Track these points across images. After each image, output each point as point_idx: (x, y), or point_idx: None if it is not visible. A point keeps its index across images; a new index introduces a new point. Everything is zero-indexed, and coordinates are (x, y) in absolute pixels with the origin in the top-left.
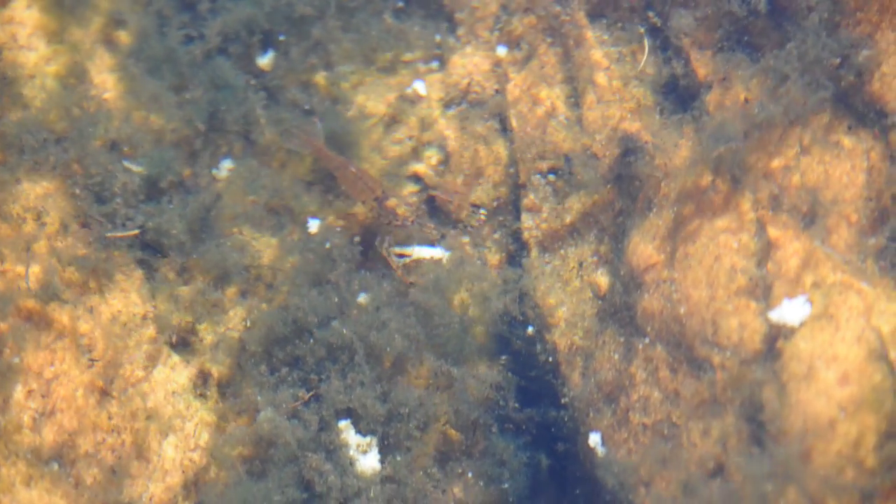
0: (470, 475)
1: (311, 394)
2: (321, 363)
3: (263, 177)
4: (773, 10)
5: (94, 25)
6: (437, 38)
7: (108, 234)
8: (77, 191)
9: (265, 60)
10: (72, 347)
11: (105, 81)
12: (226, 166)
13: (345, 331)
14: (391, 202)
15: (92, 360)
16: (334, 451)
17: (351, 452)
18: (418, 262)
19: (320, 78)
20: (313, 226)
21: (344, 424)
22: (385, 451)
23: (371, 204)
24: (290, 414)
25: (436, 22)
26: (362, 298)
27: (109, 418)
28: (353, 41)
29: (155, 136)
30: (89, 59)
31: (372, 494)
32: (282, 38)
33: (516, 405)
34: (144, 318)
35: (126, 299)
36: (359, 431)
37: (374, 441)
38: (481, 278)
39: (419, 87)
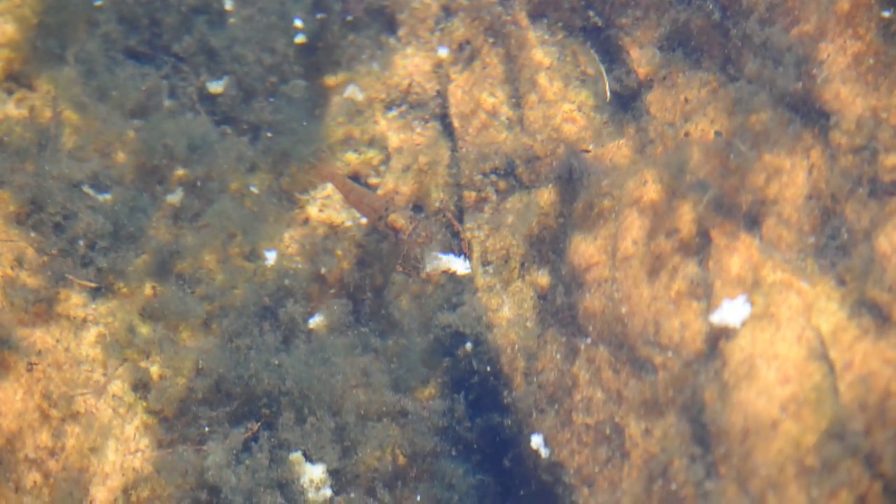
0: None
1: (259, 424)
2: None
3: (220, 205)
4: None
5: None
6: (380, 39)
7: (68, 276)
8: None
9: (219, 86)
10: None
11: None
12: (179, 193)
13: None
14: (392, 218)
15: (31, 363)
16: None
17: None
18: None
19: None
20: (270, 258)
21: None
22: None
23: (377, 223)
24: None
25: (378, 24)
26: (313, 323)
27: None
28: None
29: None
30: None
31: None
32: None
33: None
34: (85, 321)
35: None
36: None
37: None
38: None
39: (358, 89)
